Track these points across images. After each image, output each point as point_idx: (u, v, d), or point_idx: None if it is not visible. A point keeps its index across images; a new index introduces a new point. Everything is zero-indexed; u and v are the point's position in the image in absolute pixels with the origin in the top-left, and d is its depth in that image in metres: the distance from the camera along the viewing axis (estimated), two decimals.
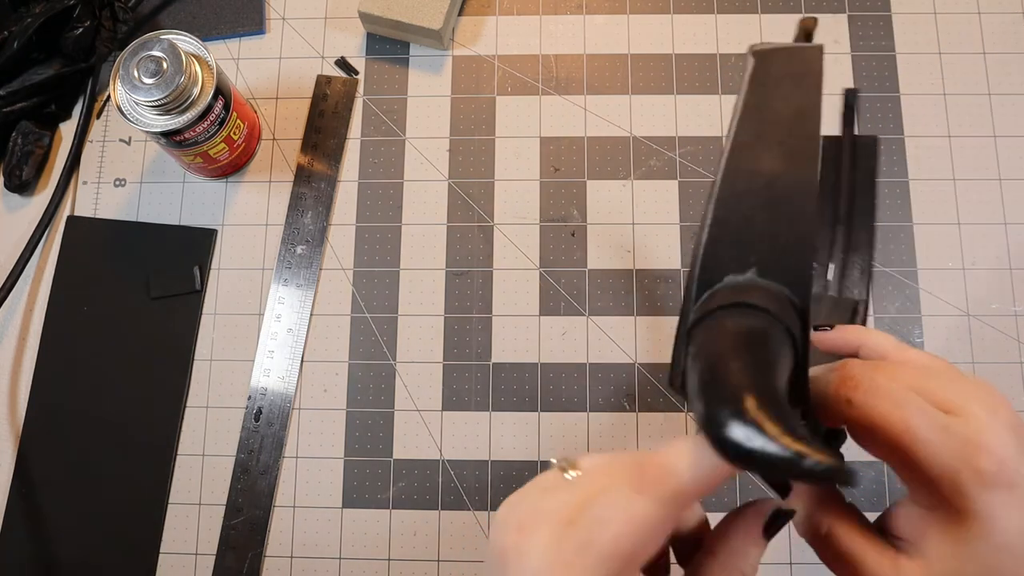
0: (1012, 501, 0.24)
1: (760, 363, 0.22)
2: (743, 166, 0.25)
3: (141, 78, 0.47)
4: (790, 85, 0.26)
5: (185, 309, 0.54)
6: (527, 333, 0.52)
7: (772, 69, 0.26)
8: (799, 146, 0.25)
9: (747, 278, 0.24)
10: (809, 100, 0.26)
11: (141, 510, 0.51)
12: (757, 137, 0.25)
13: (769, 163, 0.25)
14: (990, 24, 0.56)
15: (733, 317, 0.23)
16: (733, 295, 0.24)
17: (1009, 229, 0.53)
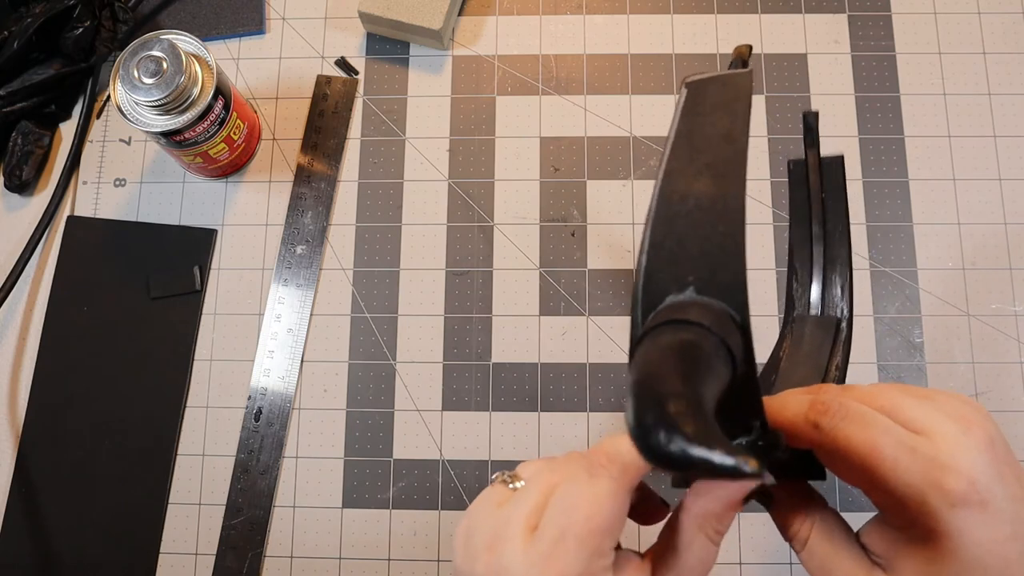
0: (984, 519, 0.23)
1: (687, 371, 0.23)
2: (675, 190, 0.26)
3: (141, 78, 0.47)
4: (721, 111, 0.27)
5: (185, 309, 0.54)
6: (527, 333, 0.52)
7: (704, 98, 0.28)
8: (726, 167, 0.26)
9: (686, 296, 0.25)
10: (736, 123, 0.27)
11: (141, 510, 0.51)
12: (688, 162, 0.26)
13: (699, 185, 0.26)
14: (990, 24, 0.56)
15: (667, 333, 0.24)
16: (671, 313, 0.25)
17: (1009, 229, 0.53)
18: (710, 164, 0.26)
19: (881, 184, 0.54)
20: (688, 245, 0.25)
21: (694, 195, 0.26)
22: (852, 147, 0.54)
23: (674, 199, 0.26)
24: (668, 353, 0.23)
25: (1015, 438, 0.50)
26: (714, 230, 0.25)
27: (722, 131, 0.27)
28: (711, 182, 0.26)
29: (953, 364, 0.51)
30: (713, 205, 0.26)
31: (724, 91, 0.28)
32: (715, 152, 0.26)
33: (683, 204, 0.26)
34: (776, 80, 0.56)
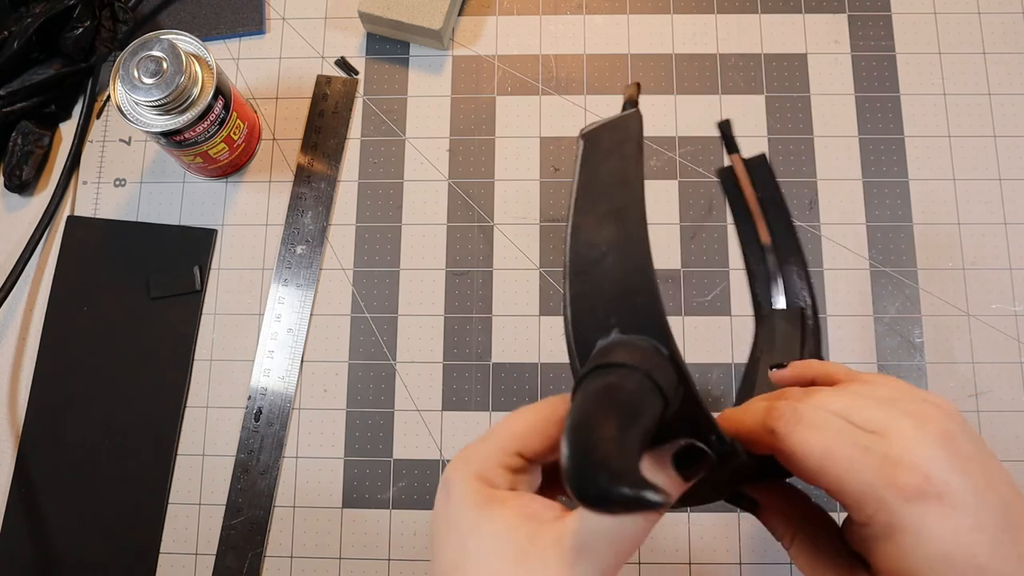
0: (943, 512, 0.24)
1: (608, 415, 0.23)
2: (583, 242, 0.27)
3: (141, 78, 0.47)
4: (614, 156, 0.28)
5: (185, 309, 0.54)
6: (527, 333, 0.52)
7: (599, 146, 0.29)
8: (625, 209, 0.27)
9: (612, 339, 0.26)
10: (628, 165, 0.28)
11: (141, 510, 0.51)
12: (590, 212, 0.28)
13: (604, 233, 0.27)
14: (990, 24, 0.56)
15: (594, 379, 0.25)
16: (598, 358, 0.26)
17: (1009, 229, 0.53)
18: (611, 210, 0.27)
19: (881, 184, 0.54)
20: (604, 290, 0.26)
21: (601, 243, 0.27)
22: (852, 147, 0.54)
23: (583, 251, 0.27)
24: (593, 399, 0.24)
25: (1015, 438, 0.50)
26: (624, 270, 0.26)
27: (617, 176, 0.28)
28: (614, 227, 0.27)
29: (953, 364, 0.51)
30: (620, 248, 0.27)
31: (615, 135, 0.29)
32: (613, 198, 0.27)
33: (592, 253, 0.27)
34: (776, 80, 0.56)
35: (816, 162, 0.54)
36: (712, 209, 0.54)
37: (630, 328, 0.26)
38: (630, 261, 0.26)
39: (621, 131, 0.29)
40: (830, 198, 0.54)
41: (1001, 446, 0.50)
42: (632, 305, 0.26)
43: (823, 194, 0.54)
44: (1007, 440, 0.50)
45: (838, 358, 0.51)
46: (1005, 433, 0.50)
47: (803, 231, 0.53)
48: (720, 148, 0.55)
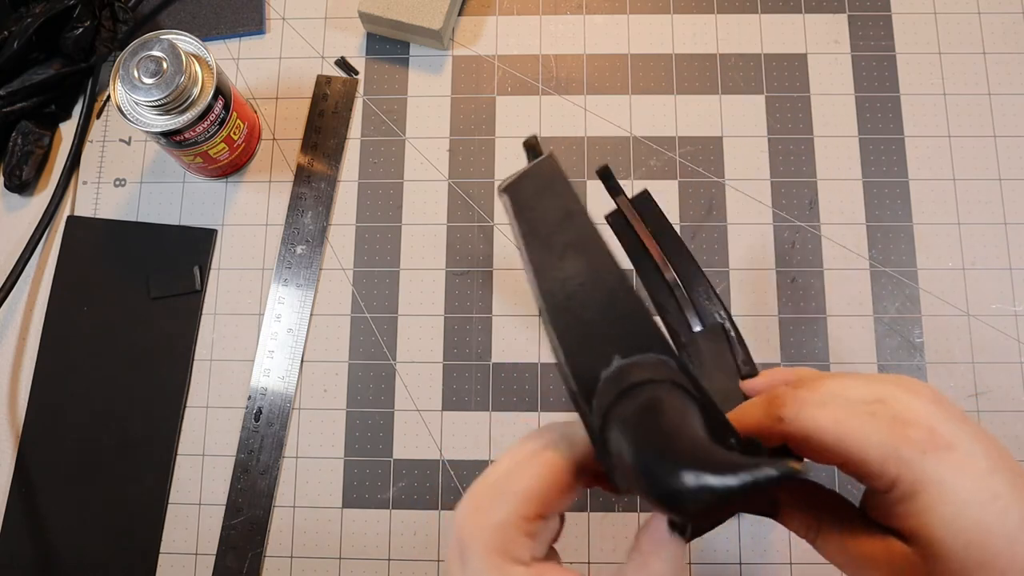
0: (957, 460, 0.24)
1: (672, 422, 0.23)
2: (550, 281, 0.27)
3: (141, 78, 0.47)
4: (547, 196, 0.28)
5: (185, 309, 0.54)
6: (527, 333, 0.52)
7: (525, 194, 0.29)
8: (581, 238, 0.27)
9: (617, 365, 0.26)
10: (567, 198, 0.28)
11: (141, 510, 0.51)
12: (547, 252, 0.27)
13: (568, 266, 0.27)
14: (990, 24, 0.56)
15: (627, 406, 0.24)
16: (614, 387, 0.25)
17: (1009, 229, 0.53)
18: (567, 244, 0.27)
19: (881, 184, 0.54)
20: (590, 322, 0.26)
21: (570, 277, 0.27)
22: (852, 147, 0.54)
23: (555, 290, 0.27)
24: (643, 419, 0.23)
25: (1015, 438, 0.50)
26: (605, 297, 0.26)
27: (559, 212, 0.28)
28: (577, 258, 0.27)
29: (953, 364, 0.51)
30: (592, 276, 0.27)
31: (538, 180, 0.29)
32: (564, 233, 0.28)
33: (564, 289, 0.27)
34: (776, 80, 0.56)
35: (816, 162, 0.54)
36: (712, 209, 0.54)
37: (631, 350, 0.26)
38: (607, 286, 0.27)
39: (543, 175, 0.29)
40: (830, 198, 0.54)
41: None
42: (625, 329, 0.26)
43: (823, 194, 0.54)
44: (1007, 440, 0.50)
45: (838, 358, 0.51)
46: (1005, 433, 0.50)
47: (803, 231, 0.53)
48: (720, 148, 0.55)
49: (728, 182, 0.54)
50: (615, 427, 0.24)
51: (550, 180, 0.29)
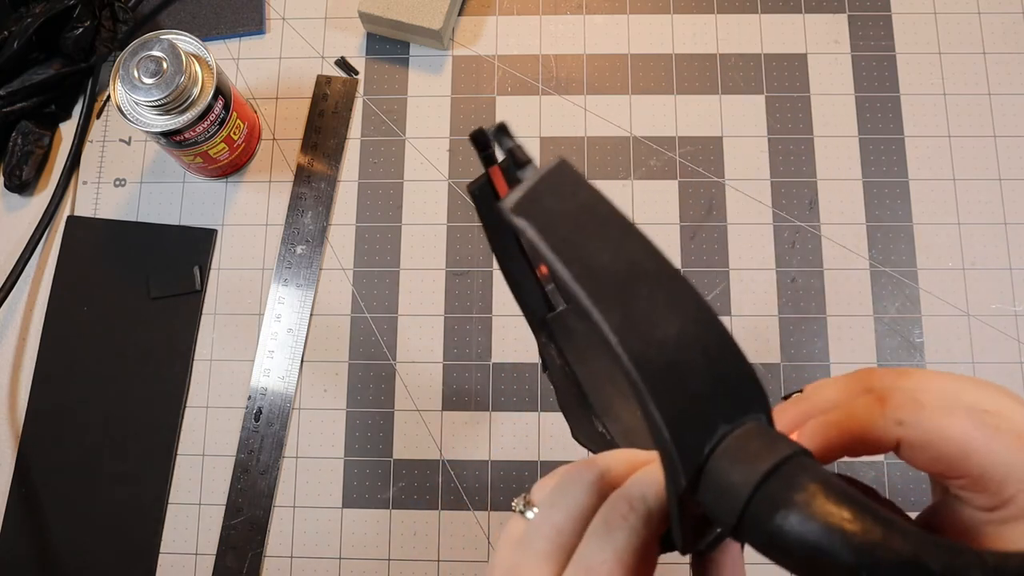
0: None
1: (876, 509, 0.21)
2: (643, 346, 0.22)
3: (141, 78, 0.47)
4: (593, 229, 0.22)
5: (185, 309, 0.54)
6: (527, 333, 0.52)
7: (552, 219, 0.22)
8: (668, 291, 0.22)
9: (726, 435, 0.22)
10: (627, 237, 0.23)
11: (141, 510, 0.51)
12: (626, 311, 0.22)
13: (662, 327, 0.22)
14: (990, 24, 0.56)
15: (786, 486, 0.21)
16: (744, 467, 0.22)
17: (1009, 229, 0.53)
18: (651, 292, 0.22)
19: (881, 184, 0.54)
20: (695, 388, 0.22)
21: (664, 338, 0.22)
22: (852, 147, 0.54)
23: (651, 355, 0.22)
24: (829, 499, 0.20)
25: None
26: (708, 355, 0.22)
27: (622, 256, 0.22)
28: (670, 314, 0.22)
29: (953, 364, 0.51)
30: (692, 331, 0.22)
31: (566, 199, 0.23)
32: (640, 283, 0.22)
33: (662, 354, 0.22)
34: (776, 80, 0.56)
35: (816, 162, 0.54)
36: (712, 209, 0.54)
37: (734, 415, 0.22)
38: (710, 344, 0.22)
39: (570, 190, 0.23)
40: (830, 198, 0.54)
41: None
42: (734, 393, 0.23)
43: (823, 194, 0.54)
44: None
45: (838, 358, 0.51)
46: None
47: (803, 231, 0.53)
48: (720, 148, 0.55)
49: (728, 182, 0.54)
50: (780, 518, 0.21)
51: (588, 201, 0.23)
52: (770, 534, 0.21)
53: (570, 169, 0.23)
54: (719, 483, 0.22)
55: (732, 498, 0.21)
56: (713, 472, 0.22)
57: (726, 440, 0.22)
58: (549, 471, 0.50)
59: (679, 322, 0.22)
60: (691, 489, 0.22)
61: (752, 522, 0.21)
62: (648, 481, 0.26)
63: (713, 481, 0.22)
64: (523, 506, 0.27)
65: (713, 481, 0.22)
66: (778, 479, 0.21)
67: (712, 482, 0.22)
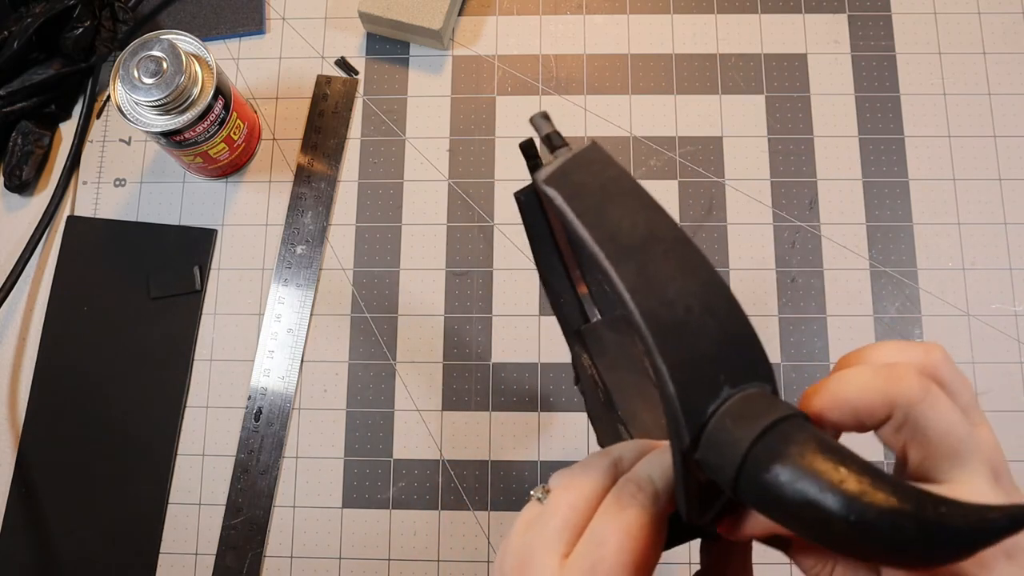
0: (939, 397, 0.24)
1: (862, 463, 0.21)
2: (655, 304, 0.24)
3: (141, 78, 0.47)
4: (616, 196, 0.25)
5: (185, 309, 0.54)
6: (527, 333, 0.52)
7: (583, 190, 0.25)
8: (681, 256, 0.24)
9: (730, 396, 0.24)
10: (647, 208, 0.25)
11: (141, 510, 0.51)
12: (641, 272, 0.24)
13: (673, 288, 0.24)
14: (990, 24, 0.56)
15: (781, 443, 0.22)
16: (745, 425, 0.23)
17: (1009, 229, 0.53)
18: (663, 257, 0.24)
19: (881, 184, 0.54)
20: (701, 348, 0.23)
21: (675, 298, 0.24)
22: (852, 147, 0.54)
23: (660, 313, 0.23)
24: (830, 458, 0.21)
25: (1016, 438, 0.50)
26: (717, 319, 0.24)
27: (638, 217, 0.24)
28: (681, 274, 0.24)
29: None
30: (700, 294, 0.24)
31: (595, 174, 0.25)
32: (656, 242, 0.24)
33: (673, 311, 0.24)
34: (776, 80, 0.56)
35: (816, 162, 0.54)
36: (712, 209, 0.54)
37: (738, 377, 0.24)
38: (718, 305, 0.24)
39: (598, 168, 0.25)
40: (830, 198, 0.54)
41: (1002, 446, 0.50)
42: (738, 356, 0.24)
43: (823, 194, 0.54)
44: (1007, 440, 0.50)
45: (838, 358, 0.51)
46: (1005, 433, 0.50)
47: (803, 231, 0.53)
48: (720, 148, 0.55)
49: (728, 182, 0.54)
50: (774, 470, 0.22)
51: (614, 175, 0.25)
52: (765, 486, 0.22)
53: (600, 150, 0.26)
54: (720, 439, 0.23)
55: (731, 452, 0.23)
56: (715, 430, 0.23)
57: (729, 401, 0.23)
58: (549, 471, 0.50)
59: (690, 285, 0.24)
60: (693, 446, 0.24)
61: (749, 476, 0.22)
62: (656, 463, 0.27)
63: (714, 438, 0.23)
64: (541, 494, 0.29)
65: (714, 438, 0.23)
66: (774, 434, 0.22)
67: (713, 439, 0.23)
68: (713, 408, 0.23)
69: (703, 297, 0.24)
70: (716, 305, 0.24)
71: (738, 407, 0.23)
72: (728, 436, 0.23)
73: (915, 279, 0.52)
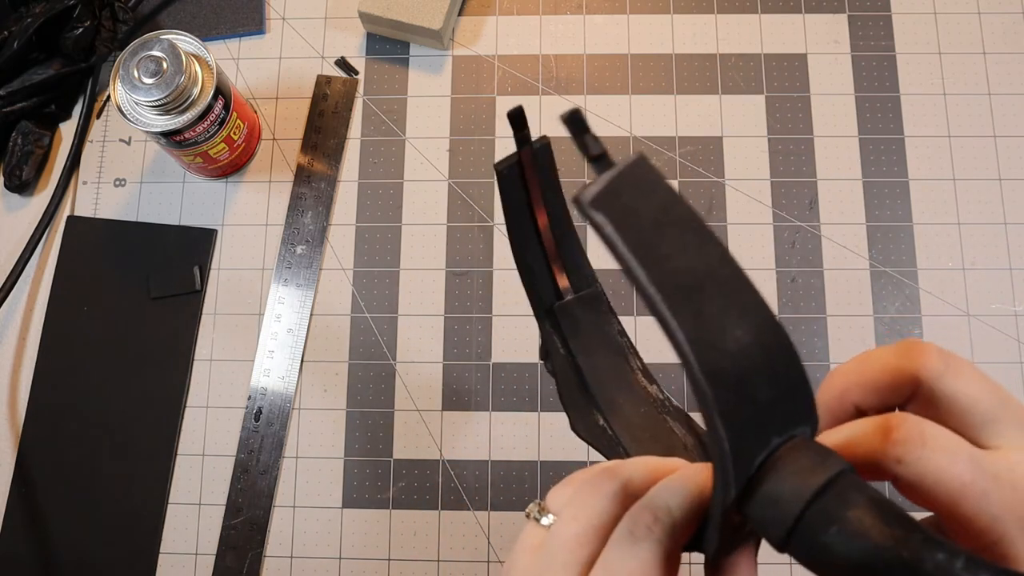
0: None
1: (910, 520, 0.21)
2: (717, 357, 0.22)
3: (141, 78, 0.47)
4: (670, 232, 0.23)
5: (185, 309, 0.54)
6: (527, 333, 0.52)
7: (629, 218, 0.23)
8: (741, 302, 0.22)
9: (778, 447, 0.22)
10: (704, 243, 0.22)
11: (141, 510, 0.51)
12: (700, 320, 0.22)
13: (733, 339, 0.22)
14: (990, 24, 0.56)
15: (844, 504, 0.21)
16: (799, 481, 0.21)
17: (1009, 229, 0.53)
18: (726, 302, 0.22)
19: (881, 184, 0.54)
20: (759, 401, 0.22)
21: (736, 350, 0.22)
22: (852, 147, 0.54)
23: (723, 366, 0.22)
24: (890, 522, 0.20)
25: None
26: (775, 370, 0.22)
27: (699, 262, 0.22)
28: (743, 326, 0.22)
29: None
30: (761, 348, 0.22)
31: (644, 198, 0.23)
32: (715, 290, 0.22)
33: (734, 366, 0.22)
34: (776, 80, 0.56)
35: (816, 162, 0.54)
36: (712, 209, 0.54)
37: (786, 427, 0.23)
38: (779, 359, 0.22)
39: (648, 190, 0.23)
40: (830, 198, 0.54)
41: None
42: (791, 406, 0.23)
43: (823, 194, 0.54)
44: None
45: (839, 359, 0.51)
46: None
47: (803, 231, 0.53)
48: (720, 148, 0.55)
49: (728, 182, 0.54)
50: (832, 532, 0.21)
51: (666, 202, 0.23)
52: (820, 549, 0.21)
53: (649, 165, 0.23)
54: (770, 496, 0.22)
55: (784, 511, 0.21)
56: (765, 485, 0.22)
57: (777, 452, 0.22)
58: (549, 471, 0.50)
59: (750, 332, 0.22)
60: (739, 499, 0.22)
61: (802, 536, 0.21)
62: (674, 489, 0.25)
63: (764, 494, 0.22)
64: (538, 513, 0.27)
65: (764, 494, 0.22)
66: (831, 496, 0.21)
67: (763, 495, 0.22)
68: (761, 459, 0.22)
69: (762, 347, 0.22)
70: (775, 354, 0.23)
71: (788, 460, 0.22)
72: (779, 493, 0.22)
73: (915, 279, 0.52)
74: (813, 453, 0.22)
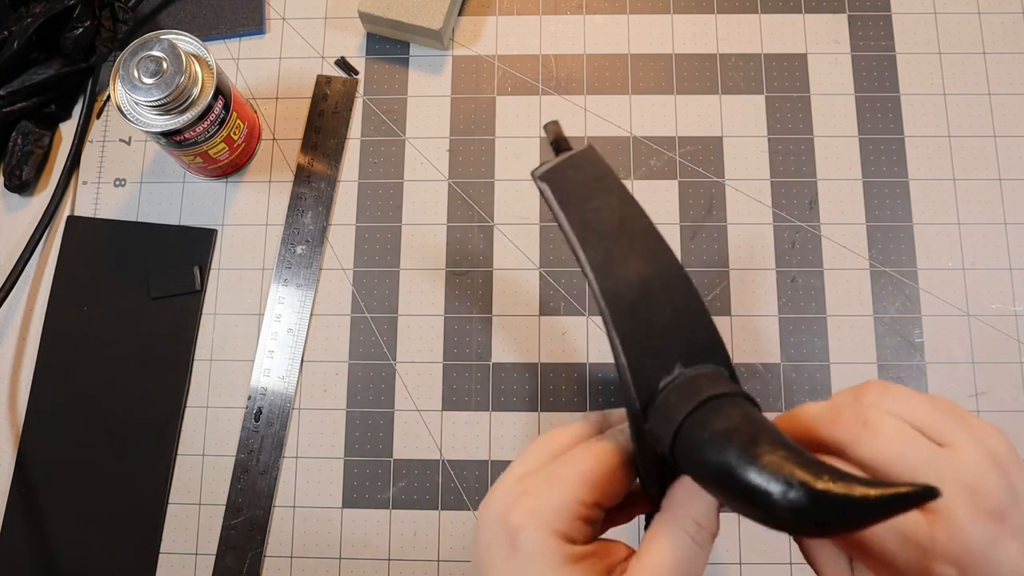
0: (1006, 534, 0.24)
1: (779, 437, 0.23)
2: (614, 283, 0.26)
3: (141, 78, 0.47)
4: (599, 192, 0.28)
5: (185, 309, 0.54)
6: (527, 333, 0.52)
7: (570, 185, 0.28)
8: (646, 244, 0.27)
9: (681, 374, 0.26)
10: (620, 195, 0.28)
11: (141, 510, 0.51)
12: (607, 252, 0.27)
13: (634, 271, 0.26)
14: (990, 24, 0.56)
15: (708, 418, 0.24)
16: (685, 398, 0.25)
17: (1009, 229, 0.53)
18: (630, 244, 0.27)
19: (881, 184, 0.54)
20: (657, 327, 0.26)
21: (636, 281, 0.26)
22: (852, 147, 0.54)
23: (620, 293, 0.26)
24: (742, 431, 0.23)
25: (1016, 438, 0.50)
26: (671, 301, 0.26)
27: (614, 209, 0.27)
28: (643, 260, 0.26)
29: (953, 364, 0.51)
30: (658, 279, 0.26)
31: (583, 172, 0.28)
32: (625, 231, 0.27)
33: (630, 293, 0.26)
34: (776, 80, 0.56)
35: (816, 162, 0.54)
36: (712, 209, 0.54)
37: (692, 358, 0.26)
38: (674, 290, 0.26)
39: (587, 167, 0.28)
40: (830, 198, 0.54)
41: None
42: (688, 335, 0.26)
43: (823, 194, 0.54)
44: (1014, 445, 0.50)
45: (838, 359, 0.51)
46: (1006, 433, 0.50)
47: (803, 231, 0.53)
48: (720, 148, 0.55)
49: (728, 182, 0.54)
50: (700, 437, 0.24)
51: (599, 174, 0.28)
52: (691, 452, 0.24)
53: (593, 153, 0.29)
54: (663, 410, 0.25)
55: (670, 422, 0.25)
56: (660, 401, 0.25)
57: (680, 378, 0.26)
58: None
59: (650, 268, 0.27)
60: (643, 415, 0.26)
61: (682, 443, 0.24)
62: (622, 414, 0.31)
63: (660, 409, 0.25)
64: None
65: (660, 409, 0.25)
66: (708, 406, 0.24)
67: (658, 409, 0.25)
68: (665, 383, 0.26)
69: (662, 280, 0.26)
70: (673, 288, 0.26)
71: (686, 383, 0.25)
72: (670, 407, 0.25)
73: (915, 279, 0.52)
74: (710, 379, 0.25)
